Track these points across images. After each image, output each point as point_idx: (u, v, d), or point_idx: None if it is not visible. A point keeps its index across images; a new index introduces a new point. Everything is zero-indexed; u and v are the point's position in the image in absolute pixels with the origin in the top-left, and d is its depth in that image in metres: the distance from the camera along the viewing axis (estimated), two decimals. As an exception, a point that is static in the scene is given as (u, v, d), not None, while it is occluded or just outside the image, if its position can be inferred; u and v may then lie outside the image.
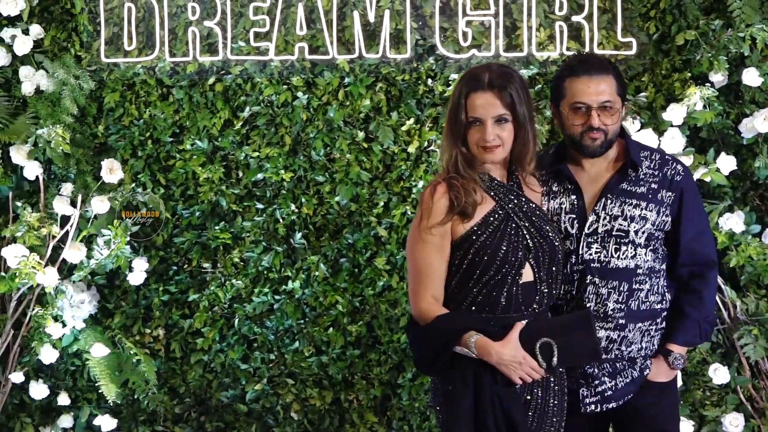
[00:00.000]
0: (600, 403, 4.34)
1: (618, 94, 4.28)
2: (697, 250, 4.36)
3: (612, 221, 4.28)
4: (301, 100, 6.38)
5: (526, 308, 4.08)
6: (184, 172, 6.54)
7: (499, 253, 4.03)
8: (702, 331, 4.39)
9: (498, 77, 4.05)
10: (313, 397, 6.53)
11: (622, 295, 4.28)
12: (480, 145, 4.06)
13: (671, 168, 4.35)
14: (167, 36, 6.43)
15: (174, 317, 6.64)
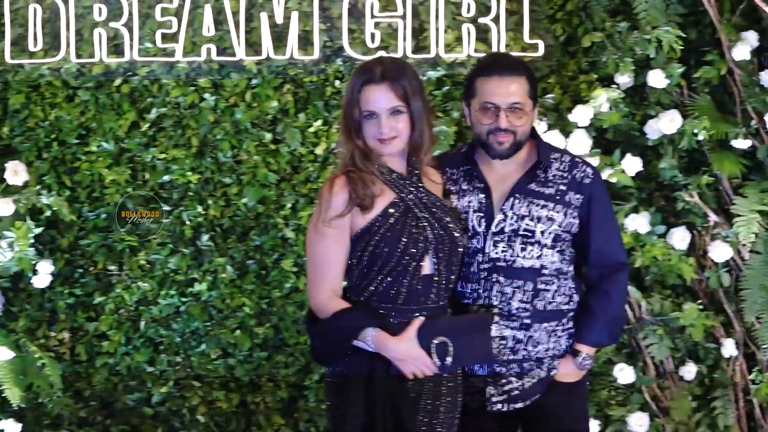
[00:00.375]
0: (507, 403, 3.93)
1: (529, 96, 3.88)
2: (606, 253, 3.98)
3: (519, 221, 3.89)
4: (208, 101, 5.73)
5: (426, 300, 3.73)
6: (90, 174, 5.85)
7: (399, 244, 3.68)
8: (610, 332, 4.03)
9: (390, 69, 3.71)
10: (219, 399, 5.89)
11: (527, 295, 3.89)
12: (376, 137, 3.70)
13: (581, 171, 3.95)
14: (73, 37, 5.72)
15: (79, 320, 5.93)
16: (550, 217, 3.86)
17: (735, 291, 5.49)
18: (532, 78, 3.90)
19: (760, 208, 5.27)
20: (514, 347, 3.90)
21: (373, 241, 3.70)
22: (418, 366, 3.64)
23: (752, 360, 5.59)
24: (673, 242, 5.33)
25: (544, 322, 3.91)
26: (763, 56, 5.45)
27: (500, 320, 3.86)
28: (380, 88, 3.67)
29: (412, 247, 3.69)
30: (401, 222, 3.71)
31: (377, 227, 3.70)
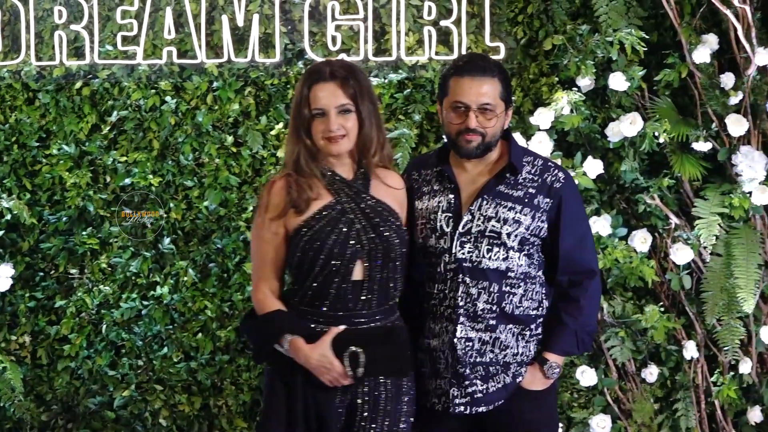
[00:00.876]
0: (469, 405, 3.91)
1: (501, 98, 3.87)
2: (576, 259, 3.95)
3: (485, 222, 3.87)
4: (169, 104, 5.71)
5: (355, 306, 3.73)
6: (50, 177, 5.83)
7: (325, 248, 3.71)
8: (579, 340, 3.96)
9: (339, 68, 3.76)
10: (181, 403, 5.86)
11: (492, 297, 3.87)
12: (324, 136, 3.72)
13: (552, 174, 3.94)
14: (33, 40, 5.71)
15: (40, 323, 5.91)
16: (517, 219, 3.85)
17: (696, 293, 5.48)
18: (506, 80, 3.89)
19: (721, 210, 5.27)
20: (481, 349, 3.89)
21: (302, 243, 3.72)
22: (333, 375, 3.67)
23: (714, 362, 5.60)
24: (635, 245, 5.33)
25: (510, 324, 3.90)
26: (723, 59, 5.46)
27: (467, 322, 3.86)
28: (329, 86, 3.70)
29: (341, 251, 3.70)
30: (331, 225, 3.71)
31: (307, 229, 3.72)
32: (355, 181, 3.80)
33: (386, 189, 3.86)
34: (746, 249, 5.34)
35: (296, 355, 3.70)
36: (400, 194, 3.92)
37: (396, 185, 3.90)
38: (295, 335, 3.69)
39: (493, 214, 3.86)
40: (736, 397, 5.46)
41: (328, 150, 3.73)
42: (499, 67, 3.92)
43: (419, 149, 5.53)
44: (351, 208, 3.75)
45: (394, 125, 5.53)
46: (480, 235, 3.86)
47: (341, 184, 3.78)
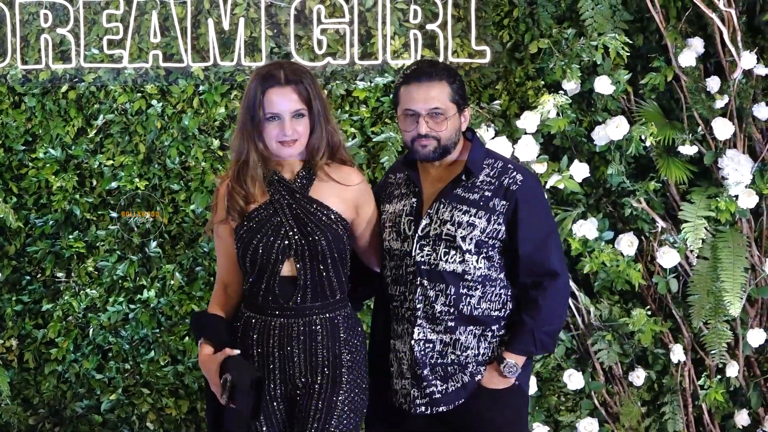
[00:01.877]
0: (429, 406, 3.94)
1: (452, 100, 3.88)
2: (536, 260, 3.91)
3: (441, 225, 3.89)
4: (155, 107, 5.73)
5: (286, 302, 3.84)
6: (37, 181, 5.85)
7: (251, 246, 3.82)
8: (537, 340, 3.92)
9: (292, 73, 3.80)
10: (169, 406, 5.89)
11: (449, 299, 3.89)
12: (278, 140, 3.79)
13: (509, 177, 3.92)
14: (19, 43, 5.74)
15: (27, 327, 5.93)
16: (471, 222, 3.85)
17: (683, 296, 5.51)
18: (456, 82, 3.89)
19: (707, 213, 5.30)
20: (442, 351, 3.92)
21: (237, 241, 3.85)
22: (216, 390, 3.78)
23: (701, 365, 5.63)
24: (621, 248, 5.36)
25: (470, 326, 3.91)
26: (708, 62, 5.50)
27: (426, 324, 3.90)
28: (284, 91, 3.75)
29: (267, 249, 3.79)
30: (261, 225, 3.81)
31: (240, 228, 3.84)
32: (295, 181, 3.86)
33: (333, 187, 3.89)
34: (733, 252, 5.37)
35: (199, 357, 3.87)
36: (351, 191, 3.94)
37: (347, 182, 3.92)
38: (204, 339, 3.85)
39: (448, 217, 3.88)
40: (723, 400, 5.50)
41: (281, 153, 3.80)
42: (448, 70, 3.93)
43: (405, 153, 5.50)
44: (282, 209, 3.82)
45: (380, 129, 5.56)
46: (437, 238, 3.88)
47: (278, 185, 3.85)
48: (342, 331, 3.89)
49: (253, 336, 3.87)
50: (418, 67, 3.93)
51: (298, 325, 3.84)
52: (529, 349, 3.93)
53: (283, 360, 3.85)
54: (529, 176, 3.98)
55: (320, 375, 3.85)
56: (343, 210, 3.89)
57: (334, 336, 3.87)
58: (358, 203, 3.95)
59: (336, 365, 3.87)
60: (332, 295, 3.89)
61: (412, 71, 3.90)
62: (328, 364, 3.86)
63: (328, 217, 3.85)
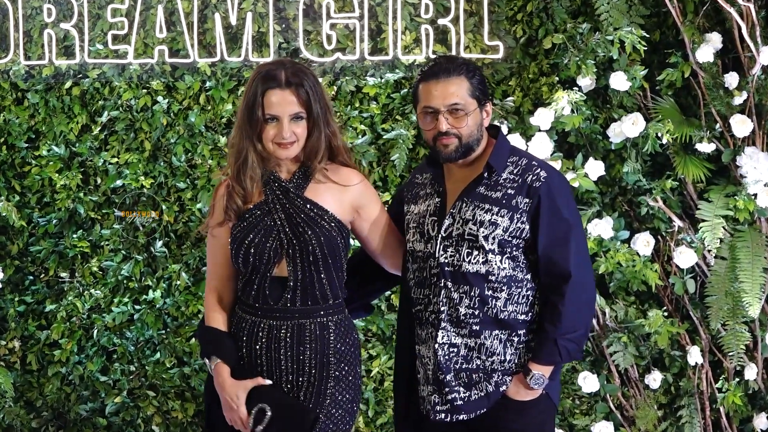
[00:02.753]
0: (449, 413, 3.90)
1: (472, 96, 3.84)
2: (553, 260, 3.84)
3: (464, 225, 3.85)
4: (161, 104, 5.73)
5: (276, 303, 3.84)
6: (40, 179, 5.87)
7: (244, 245, 3.82)
8: (561, 348, 3.84)
9: (293, 75, 3.79)
10: (175, 409, 5.88)
11: (474, 301, 3.84)
12: (276, 141, 3.79)
13: (532, 174, 3.86)
14: (22, 38, 5.75)
15: (30, 328, 5.94)
16: (493, 221, 3.81)
17: (700, 297, 5.47)
18: (476, 76, 3.85)
19: (725, 212, 5.27)
20: (468, 355, 3.88)
21: (231, 241, 3.85)
22: (234, 417, 3.81)
23: (718, 368, 5.60)
24: (637, 248, 5.33)
25: (495, 330, 3.86)
26: (727, 58, 5.46)
27: (450, 327, 3.86)
28: (285, 94, 3.75)
29: (259, 249, 3.80)
30: (254, 225, 3.82)
31: (236, 227, 3.85)
32: (291, 180, 3.86)
33: (330, 188, 3.88)
34: (751, 252, 5.34)
35: (216, 379, 3.86)
36: (350, 192, 3.93)
37: (345, 182, 3.91)
38: (221, 359, 3.85)
39: (470, 216, 3.84)
40: (742, 403, 5.47)
41: (278, 155, 3.80)
42: (466, 65, 3.89)
43: (416, 150, 5.55)
44: (275, 209, 3.83)
45: (390, 126, 5.55)
46: (460, 239, 3.85)
47: (274, 185, 3.85)
48: (332, 338, 3.86)
49: (242, 336, 3.87)
50: (436, 63, 3.90)
51: (286, 327, 3.83)
52: (555, 359, 3.86)
53: (270, 363, 3.83)
54: (554, 173, 3.92)
55: (306, 383, 3.83)
56: (339, 212, 3.87)
57: (323, 342, 3.84)
58: (357, 204, 3.93)
59: (322, 374, 3.85)
60: (323, 299, 3.86)
61: (429, 68, 3.87)
62: (315, 373, 3.84)
63: (321, 217, 3.83)
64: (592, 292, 3.93)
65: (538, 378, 3.84)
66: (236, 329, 3.89)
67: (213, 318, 3.95)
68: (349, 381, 3.89)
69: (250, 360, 3.84)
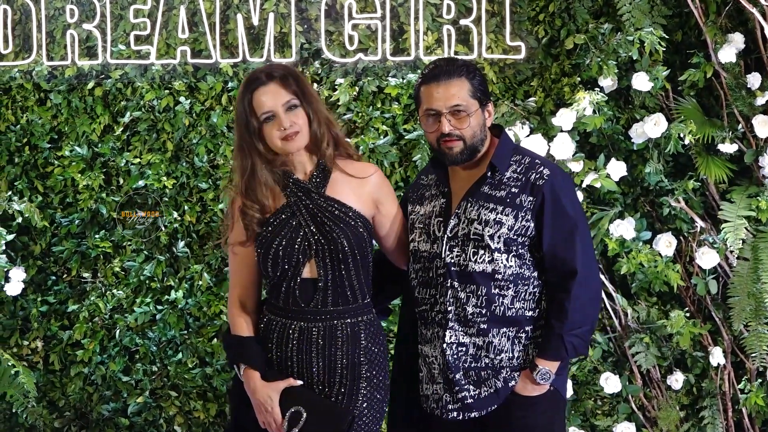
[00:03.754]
0: (461, 411, 3.94)
1: (473, 97, 3.87)
2: (558, 258, 3.88)
3: (469, 225, 3.89)
4: (183, 105, 5.76)
5: (306, 305, 3.86)
6: (62, 179, 5.89)
7: (271, 250, 3.83)
8: (568, 344, 3.88)
9: (275, 70, 3.86)
10: (197, 409, 5.92)
11: (481, 300, 3.88)
12: (280, 136, 3.80)
13: (536, 172, 3.90)
14: (45, 39, 5.80)
15: (53, 328, 5.98)
16: (498, 220, 3.83)
17: (723, 298, 5.49)
18: (476, 77, 3.89)
19: (748, 213, 5.29)
20: (476, 354, 3.91)
21: (257, 246, 3.85)
22: (267, 419, 3.83)
23: (741, 369, 5.61)
24: (659, 248, 5.34)
25: (503, 327, 3.90)
26: (749, 58, 5.48)
27: (458, 326, 3.88)
28: (270, 88, 3.78)
29: (288, 252, 3.80)
30: (280, 228, 3.82)
31: (260, 234, 3.84)
32: (310, 180, 3.87)
33: (349, 184, 3.91)
34: (774, 253, 5.35)
35: (246, 384, 3.88)
36: (368, 185, 3.95)
37: (361, 174, 3.94)
38: (250, 366, 3.86)
39: (475, 216, 3.87)
40: (764, 404, 5.47)
41: (286, 149, 3.80)
42: (466, 66, 3.91)
43: (435, 152, 5.57)
44: (300, 211, 3.84)
45: (412, 126, 5.58)
46: (465, 238, 3.87)
47: (294, 187, 3.86)
48: (363, 338, 3.89)
49: (272, 338, 3.89)
50: (436, 65, 3.92)
51: (318, 329, 3.85)
52: (561, 354, 3.89)
53: (301, 365, 3.86)
54: (557, 171, 3.95)
55: (338, 384, 3.85)
56: (361, 207, 3.90)
57: (354, 342, 3.87)
58: (376, 198, 3.96)
59: (354, 376, 3.87)
60: (354, 299, 3.89)
61: (429, 70, 3.90)
62: (347, 374, 3.86)
63: (346, 214, 3.86)
64: (597, 288, 3.98)
65: (545, 373, 3.88)
66: (265, 332, 3.91)
67: (238, 325, 3.96)
68: (380, 381, 3.92)
69: (280, 362, 3.87)
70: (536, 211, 3.85)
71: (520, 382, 3.92)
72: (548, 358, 3.88)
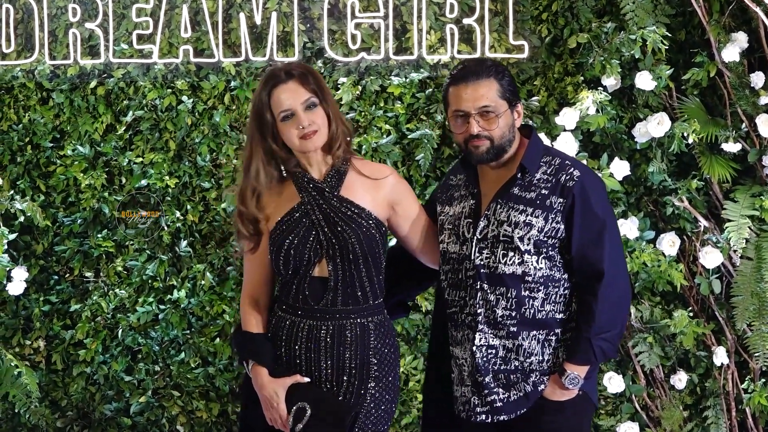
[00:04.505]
0: (490, 414, 3.91)
1: (502, 97, 3.86)
2: (587, 260, 3.85)
3: (498, 227, 3.86)
4: (185, 104, 5.77)
5: (317, 303, 3.87)
6: (65, 179, 5.91)
7: (283, 248, 3.85)
8: (596, 348, 3.84)
9: (294, 68, 3.86)
10: (199, 409, 5.92)
11: (511, 302, 3.86)
12: (299, 135, 3.80)
13: (566, 173, 3.87)
14: (47, 38, 5.82)
15: (55, 328, 5.99)
16: (528, 222, 3.82)
17: (726, 298, 5.49)
18: (505, 78, 3.88)
19: (751, 212, 5.29)
20: (506, 356, 3.90)
21: (270, 244, 3.87)
22: (273, 415, 3.85)
23: (744, 368, 5.62)
24: (663, 248, 5.35)
25: (533, 330, 3.88)
26: (753, 57, 5.48)
27: (487, 329, 3.87)
28: (289, 86, 3.78)
29: (299, 251, 3.82)
30: (293, 226, 3.84)
31: (272, 232, 3.87)
32: (325, 180, 3.88)
33: (364, 185, 3.92)
34: (778, 252, 5.36)
35: (254, 380, 3.90)
36: (383, 187, 3.96)
37: (375, 175, 3.95)
38: (258, 362, 3.88)
39: (505, 218, 3.86)
40: (768, 404, 5.49)
41: (304, 148, 3.81)
42: (495, 67, 3.91)
43: (441, 150, 5.59)
44: (312, 210, 3.84)
45: (415, 125, 5.59)
46: (495, 240, 3.86)
47: (308, 186, 3.87)
48: (373, 338, 3.89)
49: (282, 336, 3.90)
50: (465, 66, 3.92)
51: (327, 327, 3.86)
52: (590, 359, 3.87)
53: (309, 363, 3.87)
54: (588, 172, 3.94)
55: (346, 383, 3.86)
56: (375, 209, 3.89)
57: (363, 342, 3.87)
58: (392, 200, 3.95)
59: (363, 375, 3.87)
60: (364, 299, 3.89)
61: (458, 71, 3.90)
62: (355, 373, 3.86)
63: (359, 216, 3.86)
64: (626, 291, 3.95)
65: (573, 378, 3.86)
66: (275, 329, 3.93)
67: (248, 322, 3.97)
68: (389, 382, 3.92)
69: (289, 360, 3.88)
70: (566, 212, 3.83)
71: (549, 386, 3.90)
72: (577, 363, 3.86)
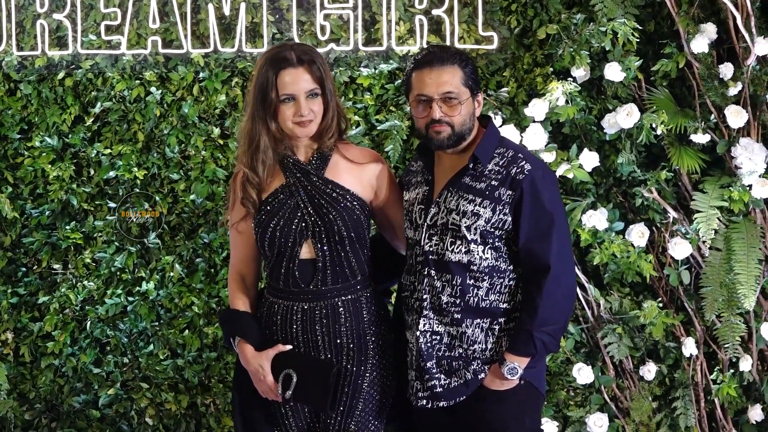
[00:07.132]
0: (430, 400, 3.98)
1: (465, 85, 3.90)
2: (533, 253, 3.88)
3: (447, 214, 3.92)
4: (154, 95, 5.75)
5: (307, 285, 3.94)
6: (32, 170, 5.89)
7: (269, 229, 3.92)
8: (537, 341, 3.88)
9: (304, 53, 3.89)
10: (168, 401, 5.92)
11: (455, 290, 3.91)
12: (295, 121, 3.86)
13: (517, 166, 3.91)
14: (14, 29, 5.78)
15: (23, 320, 5.98)
16: (475, 212, 3.86)
17: (695, 289, 5.50)
18: (468, 66, 3.91)
19: (720, 203, 5.29)
20: (450, 343, 3.94)
21: (255, 225, 3.94)
22: (263, 388, 3.94)
23: (713, 359, 5.63)
24: (632, 239, 5.35)
25: (477, 318, 3.91)
26: (721, 49, 5.48)
27: (432, 315, 3.92)
28: (298, 72, 3.83)
29: (284, 232, 3.89)
30: (278, 208, 3.91)
31: (259, 213, 3.94)
32: (309, 162, 3.94)
33: (348, 167, 3.99)
34: (746, 243, 5.36)
35: (241, 357, 3.99)
36: (367, 170, 4.03)
37: (359, 159, 4.02)
38: (243, 338, 3.96)
39: (454, 206, 3.90)
40: (737, 395, 5.50)
41: (297, 133, 3.88)
42: (459, 55, 3.94)
43: (410, 141, 5.58)
44: (298, 191, 3.91)
45: (384, 117, 5.59)
46: (444, 228, 3.91)
47: (293, 167, 3.93)
48: (366, 312, 3.98)
49: (276, 321, 3.96)
50: (430, 51, 3.94)
51: (320, 308, 3.93)
52: (530, 351, 3.89)
53: (307, 344, 3.93)
54: (540, 166, 3.96)
55: (345, 357, 3.93)
56: (359, 190, 3.96)
57: (357, 318, 3.95)
58: (375, 183, 4.02)
59: (361, 347, 3.95)
60: (353, 276, 3.96)
61: (423, 56, 3.92)
62: (353, 347, 3.94)
63: (344, 197, 3.92)
64: (571, 286, 3.97)
65: (513, 368, 3.89)
66: (268, 315, 4.00)
67: (234, 300, 4.06)
68: (387, 349, 4.02)
69: (286, 344, 3.95)
70: (514, 205, 3.86)
71: (488, 375, 3.94)
72: (517, 354, 3.89)
